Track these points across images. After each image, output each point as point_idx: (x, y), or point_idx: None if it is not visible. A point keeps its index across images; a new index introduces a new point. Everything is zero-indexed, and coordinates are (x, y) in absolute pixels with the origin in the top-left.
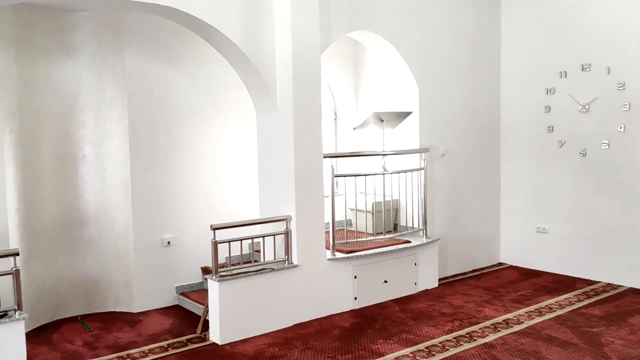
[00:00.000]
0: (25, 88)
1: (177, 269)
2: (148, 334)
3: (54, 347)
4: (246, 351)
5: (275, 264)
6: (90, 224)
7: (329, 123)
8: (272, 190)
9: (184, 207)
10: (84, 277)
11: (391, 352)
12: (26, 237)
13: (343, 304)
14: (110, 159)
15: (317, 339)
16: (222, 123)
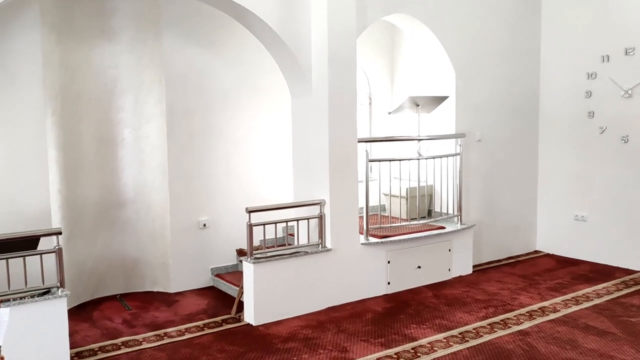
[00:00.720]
0: (67, 72)
1: (212, 251)
2: (184, 314)
3: (94, 324)
4: (280, 332)
5: (309, 248)
6: (129, 206)
7: (363, 108)
8: (307, 174)
9: (220, 190)
10: (123, 257)
11: (424, 337)
12: (67, 218)
13: (376, 289)
14: (148, 142)
15: (350, 323)
16: (257, 107)
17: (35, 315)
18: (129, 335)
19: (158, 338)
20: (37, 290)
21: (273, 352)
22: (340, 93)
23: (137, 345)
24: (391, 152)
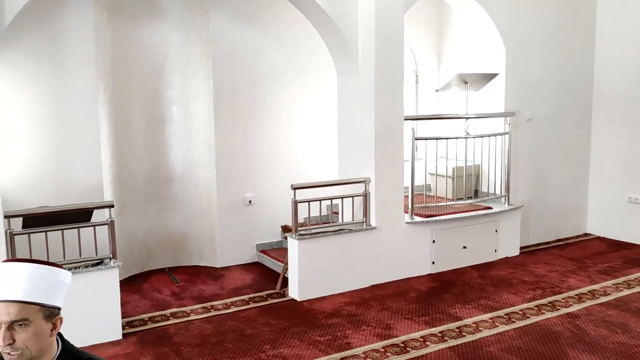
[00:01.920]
0: (118, 50)
1: (257, 227)
2: (230, 288)
3: (144, 295)
4: (324, 308)
5: (353, 225)
6: (177, 182)
7: (409, 86)
8: (352, 152)
9: (265, 168)
10: (171, 231)
11: (469, 316)
12: (119, 192)
13: (420, 268)
14: (196, 119)
15: (394, 301)
16: (302, 86)
17: (89, 285)
18: (177, 307)
19: (205, 310)
20: (91, 261)
21: (317, 327)
22: (386, 70)
23: (185, 316)
24: (438, 130)
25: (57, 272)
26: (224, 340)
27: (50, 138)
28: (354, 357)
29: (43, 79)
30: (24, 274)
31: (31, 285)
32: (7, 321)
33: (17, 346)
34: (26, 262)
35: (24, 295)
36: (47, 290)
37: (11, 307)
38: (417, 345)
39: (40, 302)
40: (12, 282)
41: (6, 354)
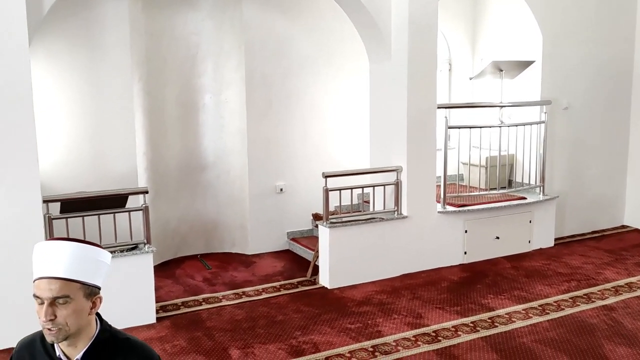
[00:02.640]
0: (152, 38)
1: (288, 215)
2: (261, 275)
3: (177, 281)
4: (354, 296)
5: (384, 214)
6: (209, 169)
7: (443, 74)
8: (383, 140)
9: (296, 156)
10: (204, 218)
11: (502, 307)
12: (152, 179)
13: (452, 258)
14: (228, 108)
15: (425, 290)
16: (334, 74)
17: (124, 269)
18: (209, 292)
19: (237, 296)
20: (126, 246)
21: (348, 315)
22: (419, 58)
23: (217, 302)
24: (471, 119)
25: (98, 252)
26: (255, 325)
27: (87, 126)
28: (384, 345)
29: (80, 67)
30: (66, 252)
31: (73, 263)
32: (50, 297)
33: (58, 322)
34: (69, 241)
35: (66, 273)
36: (88, 269)
37: (53, 284)
38: (449, 335)
39: (81, 280)
40: (55, 260)
41: (47, 330)
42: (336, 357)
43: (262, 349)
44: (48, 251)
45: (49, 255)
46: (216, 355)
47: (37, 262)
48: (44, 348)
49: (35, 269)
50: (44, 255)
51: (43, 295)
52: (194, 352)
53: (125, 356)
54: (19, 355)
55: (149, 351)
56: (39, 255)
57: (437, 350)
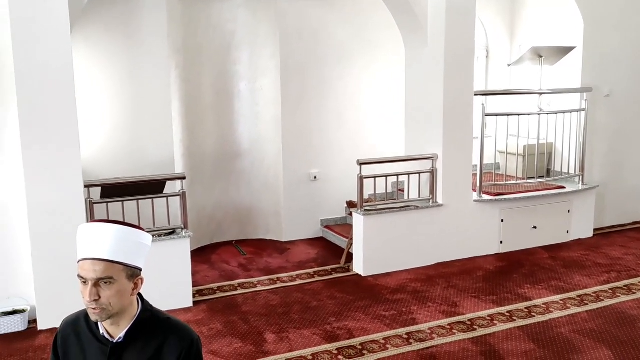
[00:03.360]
0: (189, 26)
1: (322, 202)
2: (295, 261)
3: (212, 266)
4: (388, 284)
5: (419, 202)
6: (244, 157)
7: (480, 61)
8: (419, 128)
9: (331, 144)
10: (238, 205)
11: (539, 297)
12: (189, 166)
13: (488, 247)
14: (263, 95)
15: (460, 279)
16: (369, 61)
17: (162, 254)
18: (244, 278)
19: (271, 282)
20: (164, 230)
21: (382, 302)
22: (456, 44)
23: (252, 287)
24: (509, 107)
25: (140, 234)
26: (290, 311)
27: (126, 113)
28: (419, 333)
29: (118, 55)
30: (110, 235)
31: (116, 245)
32: (94, 278)
33: (102, 302)
34: (112, 224)
35: (110, 255)
36: (130, 251)
37: (97, 265)
38: (485, 324)
39: (124, 262)
40: (99, 242)
41: (91, 309)
42: (371, 343)
43: (297, 334)
44: (92, 233)
45: (93, 237)
46: (252, 338)
47: (82, 244)
48: (87, 326)
49: (80, 250)
50: (88, 237)
51: (87, 276)
52: (230, 335)
53: (166, 336)
54: (63, 333)
55: (189, 331)
56: (83, 236)
57: (472, 338)
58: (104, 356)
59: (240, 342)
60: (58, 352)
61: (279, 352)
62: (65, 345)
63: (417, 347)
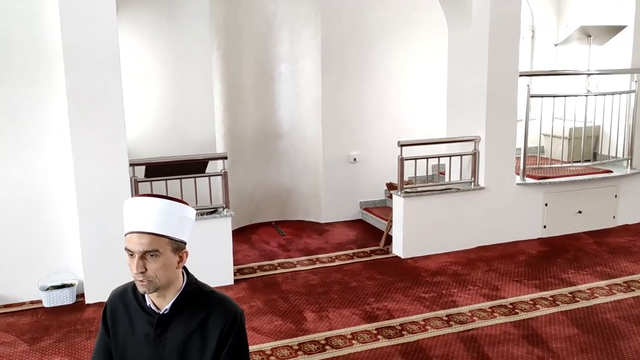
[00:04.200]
0: (230, 7)
1: (361, 185)
2: (334, 243)
3: (252, 246)
4: (428, 266)
5: (460, 185)
6: (284, 138)
7: (525, 41)
8: (461, 109)
9: (371, 125)
10: (278, 187)
11: (584, 282)
12: (230, 147)
13: (530, 231)
14: (304, 77)
15: (502, 263)
16: (411, 42)
17: (205, 232)
18: (284, 258)
19: (310, 262)
20: (206, 209)
21: (422, 284)
22: (501, 23)
23: (291, 267)
24: (554, 88)
25: (184, 208)
26: (329, 290)
27: (169, 93)
28: (459, 315)
29: (162, 36)
30: (155, 209)
31: (162, 219)
32: (140, 251)
33: (148, 275)
34: (158, 198)
35: (156, 228)
36: (175, 225)
37: (144, 239)
38: (527, 308)
39: (170, 235)
40: (145, 216)
41: (138, 282)
42: (410, 324)
43: (337, 313)
44: (138, 207)
45: (140, 211)
46: (292, 316)
47: (128, 217)
48: (135, 298)
49: (127, 224)
50: (134, 211)
51: (134, 249)
52: (270, 313)
53: (210, 308)
54: (112, 304)
55: (233, 305)
56: (130, 210)
57: (514, 322)
58: (151, 327)
59: (280, 320)
60: (107, 321)
61: (318, 331)
62: (114, 316)
63: (457, 329)
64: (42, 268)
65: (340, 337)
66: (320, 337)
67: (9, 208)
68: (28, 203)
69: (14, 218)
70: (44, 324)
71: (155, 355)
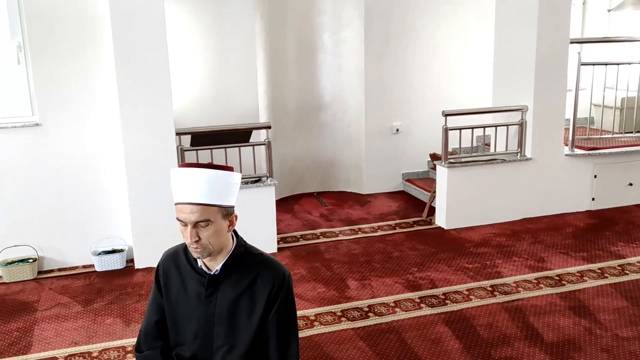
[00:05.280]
0: None
1: (403, 156)
2: (376, 213)
3: (295, 215)
4: (472, 237)
5: (506, 155)
6: (326, 109)
7: (576, 7)
8: (508, 78)
9: (415, 96)
10: (320, 157)
11: (634, 255)
12: (272, 117)
13: (578, 204)
14: (346, 46)
15: (548, 235)
16: (456, 9)
17: (249, 201)
18: (326, 227)
19: (353, 232)
20: (250, 178)
21: (465, 255)
22: None
23: (334, 236)
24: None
25: (230, 175)
26: (371, 260)
27: (213, 63)
28: (504, 286)
29: (206, 6)
30: (203, 179)
31: (210, 188)
32: (193, 221)
33: (202, 243)
34: (204, 168)
35: (205, 198)
36: (223, 192)
37: (195, 209)
38: (574, 280)
39: (219, 203)
40: (194, 187)
41: (193, 249)
42: (454, 294)
43: (379, 282)
44: (186, 177)
45: (188, 182)
46: (335, 284)
47: (177, 188)
48: (187, 259)
49: (176, 194)
50: (182, 182)
51: (186, 219)
52: (313, 280)
53: (259, 270)
54: (164, 265)
55: (281, 266)
56: (178, 180)
57: (560, 293)
58: (202, 287)
59: (323, 287)
60: (160, 281)
61: (361, 298)
62: (166, 276)
63: (501, 299)
64: (94, 234)
65: (383, 305)
66: (363, 304)
67: (62, 176)
68: (79, 171)
69: (67, 186)
70: (97, 287)
71: (205, 314)
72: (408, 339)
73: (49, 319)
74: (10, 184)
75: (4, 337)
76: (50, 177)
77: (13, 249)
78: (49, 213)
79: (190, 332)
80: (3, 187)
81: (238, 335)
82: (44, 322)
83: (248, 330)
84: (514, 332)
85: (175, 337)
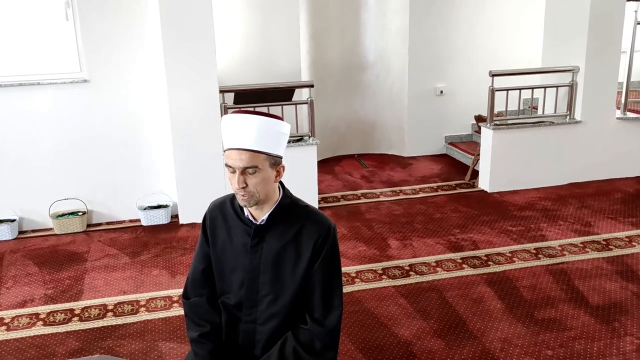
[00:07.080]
0: None
1: (447, 118)
2: (418, 176)
3: (336, 176)
4: (515, 201)
5: (554, 118)
6: (369, 69)
7: None
8: (559, 37)
9: (459, 57)
10: (361, 119)
11: None
12: (314, 77)
13: (628, 169)
14: (390, 5)
15: (595, 200)
16: None
17: (291, 160)
18: (367, 188)
19: (394, 194)
20: (292, 137)
21: (509, 218)
22: None
23: (375, 197)
24: None
25: (281, 124)
26: (413, 221)
27: (256, 22)
28: (549, 249)
29: None
30: (254, 125)
31: (260, 135)
32: (241, 167)
33: (249, 190)
34: (256, 115)
35: (255, 145)
36: (273, 141)
37: (244, 155)
38: (622, 245)
39: (267, 151)
40: (244, 133)
41: (240, 195)
42: (496, 255)
43: (421, 242)
44: (238, 124)
45: (239, 128)
46: (376, 243)
47: (227, 134)
48: (233, 209)
49: (226, 140)
50: (233, 127)
51: (235, 165)
52: (354, 239)
53: (304, 221)
54: (212, 215)
55: (326, 218)
56: (229, 126)
57: (607, 258)
58: (248, 236)
59: (364, 246)
60: (207, 231)
61: (402, 257)
62: (213, 225)
63: (546, 262)
64: (140, 190)
65: (424, 264)
66: (404, 263)
67: (109, 133)
68: (125, 128)
69: (114, 142)
70: (143, 240)
71: (251, 264)
72: (449, 297)
73: (99, 269)
74: (60, 139)
75: (57, 284)
76: (98, 133)
77: (64, 202)
78: (98, 168)
79: (235, 281)
80: (54, 142)
81: (283, 285)
82: (94, 271)
83: (293, 280)
84: (558, 294)
85: (221, 285)
